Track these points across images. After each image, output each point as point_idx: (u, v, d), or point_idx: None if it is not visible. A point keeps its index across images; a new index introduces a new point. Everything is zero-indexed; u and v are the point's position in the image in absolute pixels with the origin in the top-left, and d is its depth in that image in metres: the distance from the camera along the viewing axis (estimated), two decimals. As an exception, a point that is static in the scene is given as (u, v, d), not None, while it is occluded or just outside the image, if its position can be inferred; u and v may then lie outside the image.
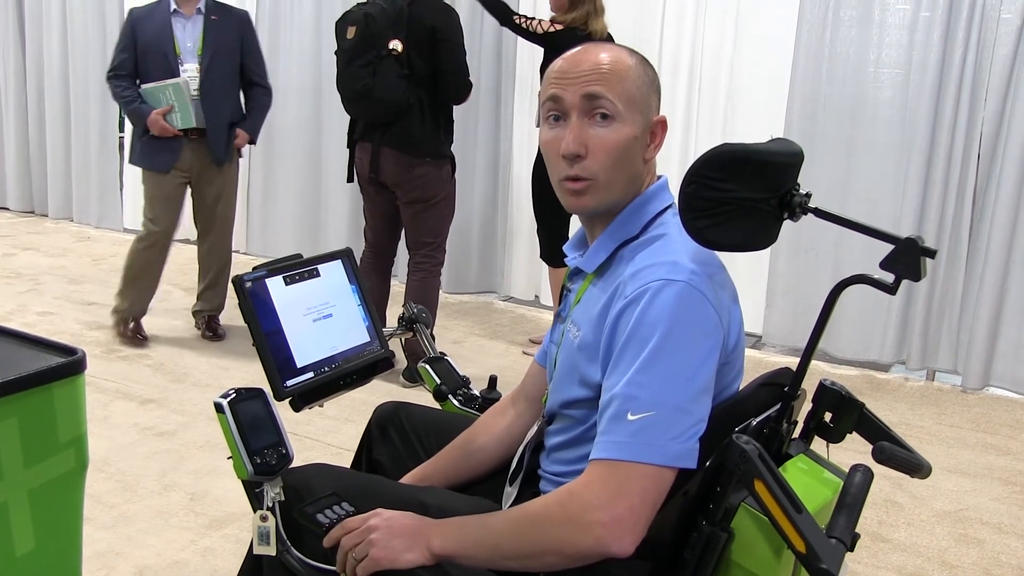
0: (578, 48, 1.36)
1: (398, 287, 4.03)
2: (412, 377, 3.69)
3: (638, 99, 1.32)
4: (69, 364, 1.42)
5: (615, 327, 1.24)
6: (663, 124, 1.36)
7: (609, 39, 3.88)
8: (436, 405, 1.90)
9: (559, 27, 3.86)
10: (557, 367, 1.41)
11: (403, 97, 3.49)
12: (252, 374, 3.69)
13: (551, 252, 4.10)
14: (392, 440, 1.75)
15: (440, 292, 3.87)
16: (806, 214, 1.29)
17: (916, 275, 1.20)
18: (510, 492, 1.50)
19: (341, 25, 3.58)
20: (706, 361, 1.21)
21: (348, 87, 3.54)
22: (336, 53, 3.63)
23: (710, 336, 1.21)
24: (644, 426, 1.16)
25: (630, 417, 1.17)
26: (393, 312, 3.84)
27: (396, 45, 3.45)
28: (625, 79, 1.31)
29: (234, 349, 4.13)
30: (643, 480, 1.16)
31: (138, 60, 3.94)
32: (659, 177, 1.40)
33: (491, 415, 1.68)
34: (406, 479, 1.65)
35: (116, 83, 3.96)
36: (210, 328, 4.28)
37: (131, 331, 4.14)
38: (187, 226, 6.19)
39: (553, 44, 3.89)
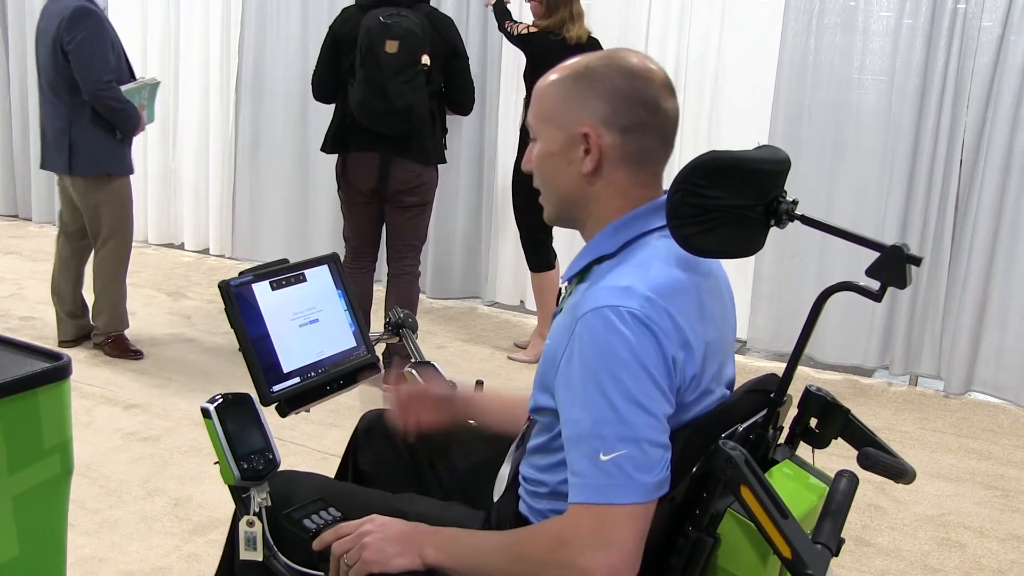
0: None
1: (378, 291, 4.03)
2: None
3: (552, 114, 1.32)
4: (54, 369, 1.41)
5: (571, 349, 1.23)
6: (586, 136, 1.29)
7: (593, 44, 3.90)
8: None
9: (533, 30, 3.90)
10: (536, 371, 1.42)
11: (427, 110, 3.56)
12: (237, 379, 3.67)
13: (534, 258, 4.14)
14: (376, 448, 1.75)
15: (423, 296, 3.89)
16: (792, 221, 1.29)
17: (902, 283, 1.21)
18: (503, 474, 1.50)
19: (376, 36, 3.40)
20: (660, 390, 1.19)
21: (387, 102, 3.42)
22: (363, 66, 3.44)
23: (659, 366, 1.19)
24: (619, 464, 1.15)
25: (603, 457, 1.16)
26: (377, 317, 3.84)
27: (427, 60, 3.46)
28: (541, 98, 1.34)
29: (219, 354, 4.11)
30: (632, 523, 1.15)
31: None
32: (667, 192, 1.36)
33: None
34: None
35: (116, 88, 3.72)
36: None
37: (121, 346, 4.01)
38: (172, 231, 6.19)
39: (527, 47, 3.96)
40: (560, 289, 1.50)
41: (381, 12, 3.45)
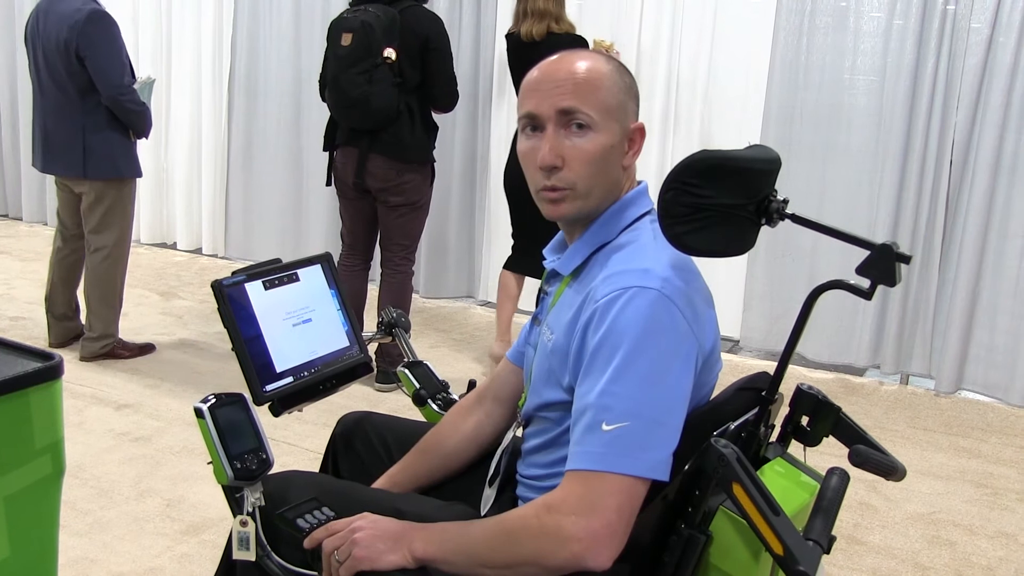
0: (553, 58, 1.36)
1: (373, 290, 4.02)
2: (386, 380, 3.69)
3: (614, 107, 1.32)
4: (46, 369, 1.40)
5: (585, 332, 1.25)
6: (641, 131, 1.37)
7: (553, 39, 3.72)
8: (402, 413, 1.89)
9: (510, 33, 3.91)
10: (533, 371, 1.42)
11: (395, 105, 3.53)
12: (230, 379, 3.66)
13: (529, 262, 3.98)
14: (356, 452, 1.73)
15: (416, 296, 3.88)
16: (783, 220, 1.30)
17: (891, 281, 1.22)
18: (489, 495, 1.51)
19: (335, 31, 3.53)
20: (679, 371, 1.21)
21: (343, 94, 3.49)
22: (328, 58, 3.60)
23: (681, 346, 1.21)
24: (618, 436, 1.16)
25: (604, 427, 1.17)
26: (371, 317, 3.84)
27: (390, 53, 3.46)
28: (599, 88, 1.31)
29: (212, 354, 4.11)
30: (619, 495, 1.16)
31: None
32: (639, 183, 1.41)
33: (457, 415, 1.66)
34: (376, 485, 1.64)
35: (135, 91, 3.71)
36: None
37: (128, 347, 4.01)
38: (165, 231, 6.17)
39: (508, 49, 3.94)
40: (541, 289, 1.50)
41: (350, 10, 3.54)
